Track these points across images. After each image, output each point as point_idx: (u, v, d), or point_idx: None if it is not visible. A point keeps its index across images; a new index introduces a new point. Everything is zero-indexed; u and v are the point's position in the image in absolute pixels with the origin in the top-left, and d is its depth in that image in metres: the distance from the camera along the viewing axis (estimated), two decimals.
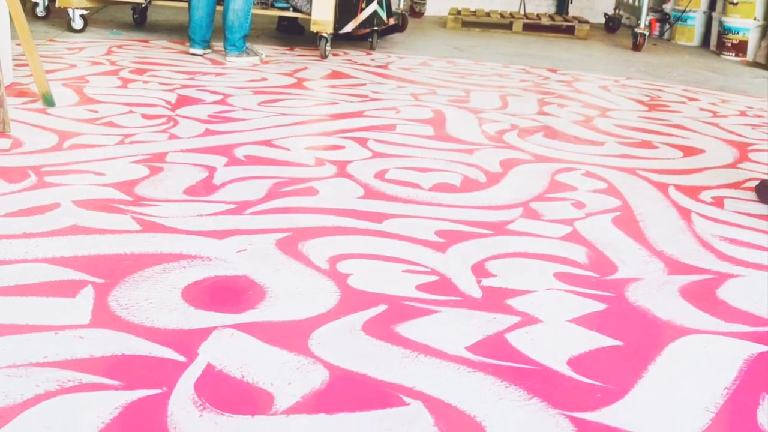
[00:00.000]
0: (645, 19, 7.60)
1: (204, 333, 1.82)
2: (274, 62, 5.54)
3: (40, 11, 6.60)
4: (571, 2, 9.78)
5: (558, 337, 1.93)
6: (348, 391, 1.65)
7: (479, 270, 2.27)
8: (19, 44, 3.80)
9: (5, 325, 1.80)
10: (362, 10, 6.02)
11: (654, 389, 1.73)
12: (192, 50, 5.57)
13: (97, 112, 3.78)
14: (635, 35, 7.59)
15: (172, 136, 3.45)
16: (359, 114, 4.15)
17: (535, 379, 1.74)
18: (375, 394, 1.64)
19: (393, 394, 1.64)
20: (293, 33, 6.83)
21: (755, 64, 7.25)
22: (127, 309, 1.91)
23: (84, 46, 5.57)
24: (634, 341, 1.93)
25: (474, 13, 8.66)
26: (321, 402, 1.60)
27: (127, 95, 4.18)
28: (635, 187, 3.19)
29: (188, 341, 1.79)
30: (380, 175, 3.08)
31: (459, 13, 8.58)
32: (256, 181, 2.91)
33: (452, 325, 1.94)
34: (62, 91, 4.11)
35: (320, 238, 2.42)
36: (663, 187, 3.20)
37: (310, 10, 5.77)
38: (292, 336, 1.84)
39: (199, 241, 2.34)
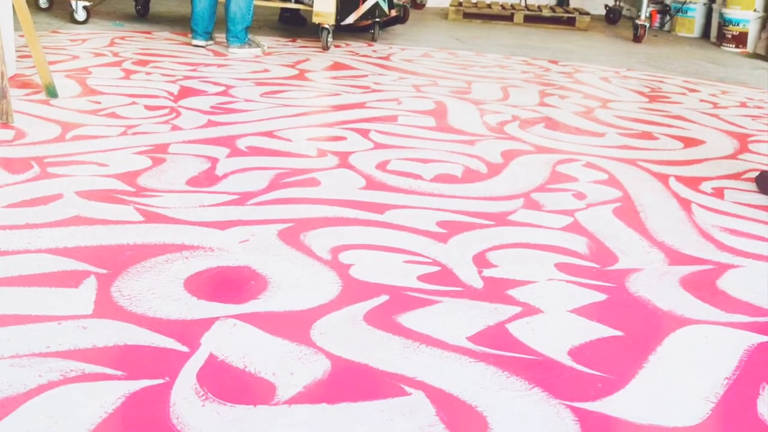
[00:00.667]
0: (645, 10, 7.60)
1: (206, 323, 1.83)
2: (276, 53, 5.55)
3: (43, 3, 6.61)
4: None
5: (559, 328, 1.93)
6: (350, 381, 1.65)
7: (480, 260, 2.28)
8: (22, 36, 3.80)
9: (8, 315, 1.81)
10: (364, 1, 6.02)
11: (654, 379, 1.74)
12: (194, 42, 5.57)
13: (99, 103, 3.79)
14: (636, 27, 7.59)
15: (175, 127, 3.46)
16: (361, 105, 4.15)
17: (536, 369, 1.74)
18: (377, 384, 1.65)
19: (395, 384, 1.65)
20: (295, 24, 6.83)
21: (755, 56, 7.25)
22: (129, 299, 1.92)
23: (87, 38, 5.58)
24: (634, 331, 1.94)
25: (475, 4, 8.65)
26: (323, 392, 1.61)
27: (130, 86, 4.19)
28: (636, 177, 3.19)
29: (191, 331, 1.79)
30: (382, 166, 3.08)
31: (460, 4, 8.58)
32: (258, 172, 2.91)
33: (453, 316, 1.95)
34: (65, 82, 4.12)
35: (322, 228, 2.43)
36: (663, 178, 3.20)
37: (312, 2, 5.77)
38: (294, 326, 1.84)
39: (202, 231, 2.35)
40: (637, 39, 7.55)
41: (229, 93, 4.20)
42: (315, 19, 5.78)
